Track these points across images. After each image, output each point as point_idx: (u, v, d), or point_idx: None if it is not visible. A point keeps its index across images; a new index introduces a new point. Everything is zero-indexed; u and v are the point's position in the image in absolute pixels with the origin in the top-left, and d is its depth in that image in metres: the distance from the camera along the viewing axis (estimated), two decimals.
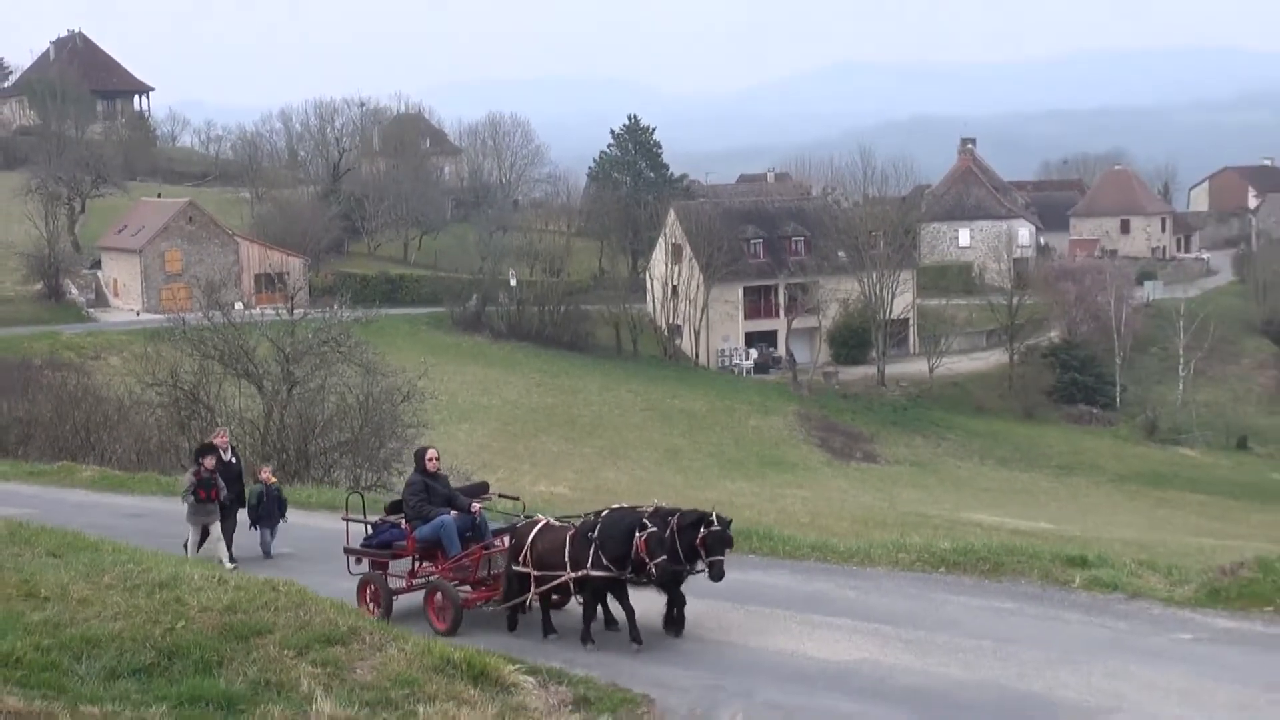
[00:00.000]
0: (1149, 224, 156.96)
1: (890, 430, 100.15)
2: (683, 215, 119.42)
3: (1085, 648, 16.83)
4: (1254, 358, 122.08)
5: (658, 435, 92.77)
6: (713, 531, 17.96)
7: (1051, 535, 55.28)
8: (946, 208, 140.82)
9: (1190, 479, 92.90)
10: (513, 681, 16.24)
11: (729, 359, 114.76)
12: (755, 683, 16.88)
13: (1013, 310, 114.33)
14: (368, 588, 20.79)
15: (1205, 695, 15.42)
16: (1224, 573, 20.21)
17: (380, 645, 16.40)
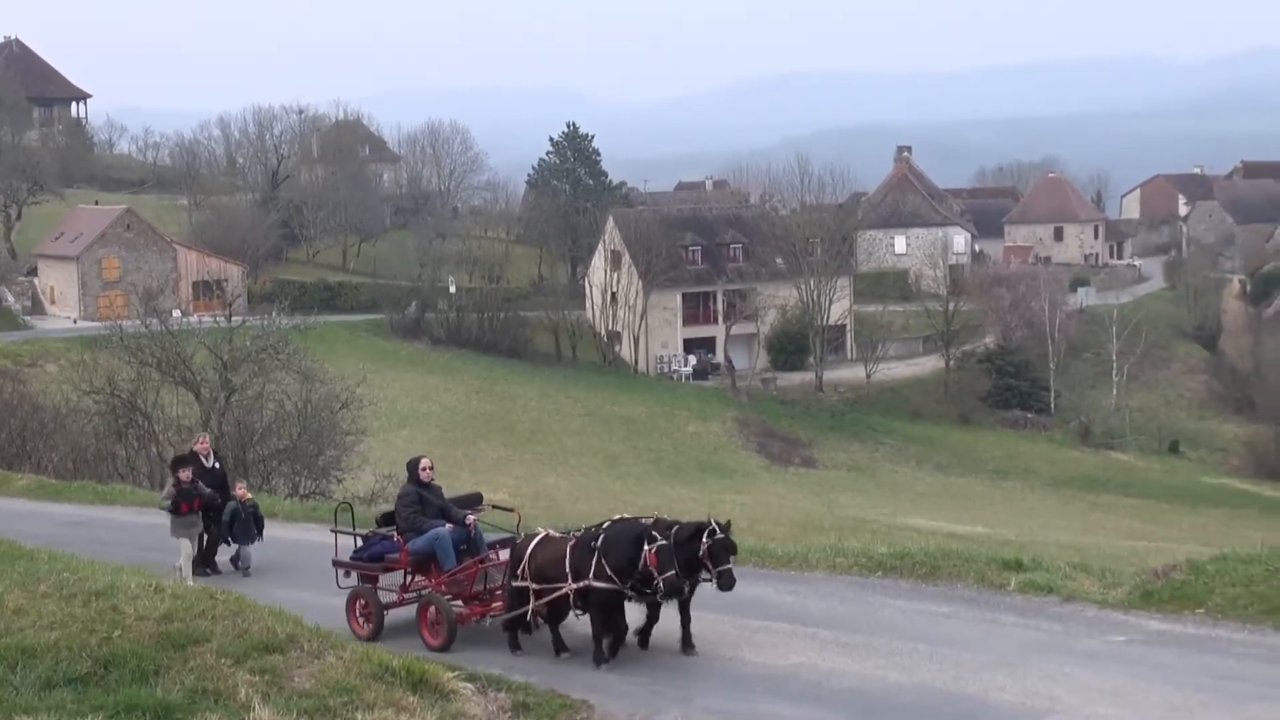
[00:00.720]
0: (1082, 231, 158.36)
1: (828, 436, 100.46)
2: (621, 222, 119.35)
3: (1021, 650, 16.90)
4: (1185, 363, 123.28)
5: (597, 441, 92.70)
6: (717, 540, 17.34)
7: (987, 539, 55.51)
8: (883, 215, 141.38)
9: (1123, 483, 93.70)
10: (451, 688, 16.17)
11: (668, 365, 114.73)
12: (694, 688, 16.85)
13: (948, 316, 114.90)
14: (357, 602, 19.95)
15: (1138, 696, 15.52)
16: (1156, 575, 20.35)
17: (319, 653, 16.28)
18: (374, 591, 19.92)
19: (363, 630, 19.43)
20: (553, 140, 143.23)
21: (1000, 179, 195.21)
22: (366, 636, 19.13)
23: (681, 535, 17.42)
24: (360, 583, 20.29)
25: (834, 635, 18.85)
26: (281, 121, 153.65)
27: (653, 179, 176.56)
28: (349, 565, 20.56)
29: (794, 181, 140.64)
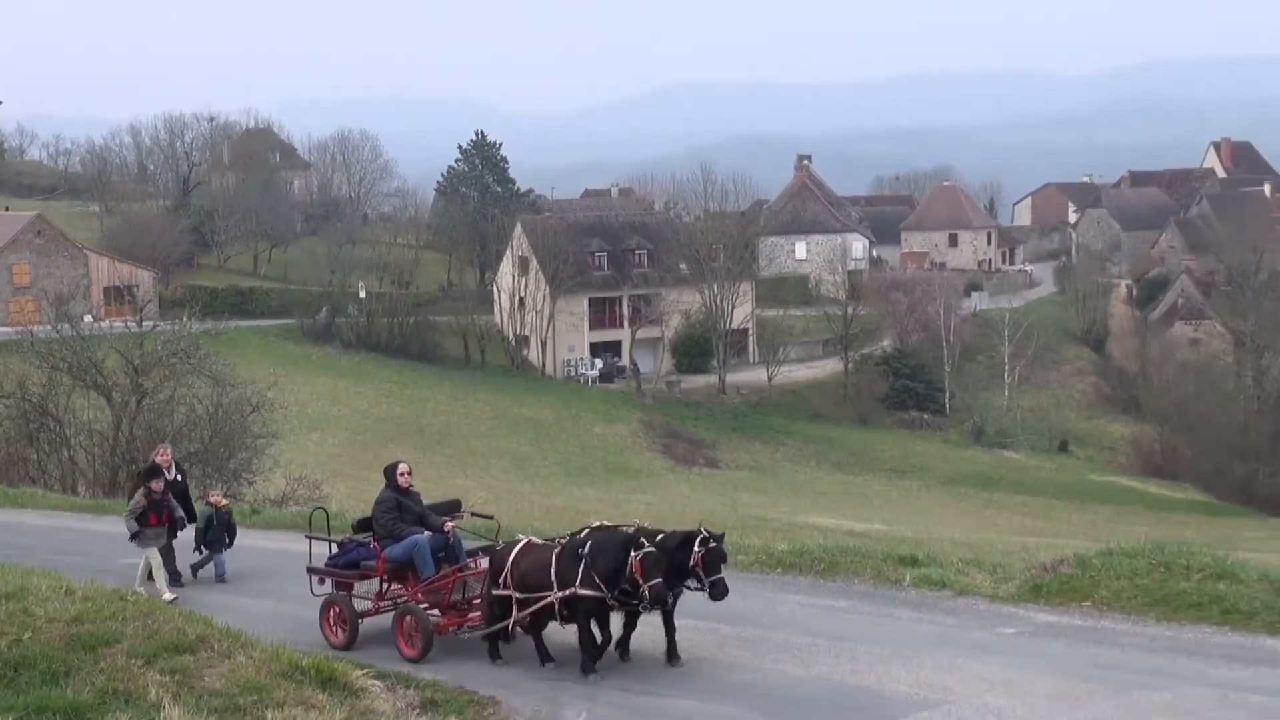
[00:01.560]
0: (976, 238, 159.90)
1: (731, 436, 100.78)
2: (529, 229, 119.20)
3: (915, 643, 17.04)
4: (1074, 365, 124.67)
5: (505, 444, 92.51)
6: (711, 549, 16.65)
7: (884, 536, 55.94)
8: (784, 222, 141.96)
9: (1015, 481, 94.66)
10: (360, 686, 16.10)
11: (575, 368, 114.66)
12: (598, 683, 16.87)
13: (847, 320, 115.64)
14: (331, 609, 19.20)
15: (1027, 685, 15.71)
16: (1045, 570, 20.61)
17: (229, 653, 16.15)
18: (348, 599, 19.22)
19: (336, 638, 18.86)
20: (461, 149, 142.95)
21: (897, 187, 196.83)
22: (341, 645, 18.67)
23: (670, 543, 16.78)
24: (334, 590, 19.57)
25: (735, 630, 18.94)
26: (193, 129, 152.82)
27: (559, 187, 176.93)
28: (323, 572, 19.81)
29: (697, 189, 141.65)
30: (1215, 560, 19.98)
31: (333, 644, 18.65)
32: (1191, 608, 18.49)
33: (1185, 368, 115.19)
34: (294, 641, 17.69)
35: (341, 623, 18.91)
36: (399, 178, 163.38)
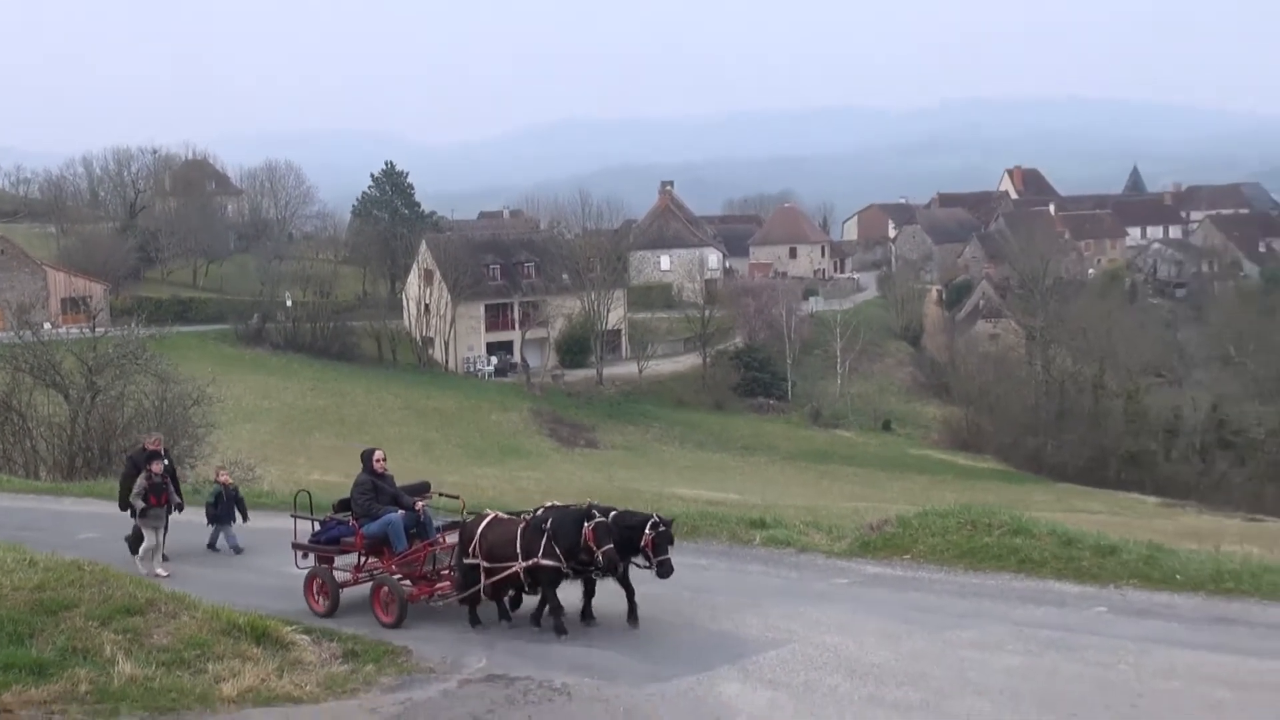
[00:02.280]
0: (812, 251, 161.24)
1: (608, 421, 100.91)
2: (433, 245, 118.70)
3: (765, 593, 17.21)
4: (895, 357, 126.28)
5: (415, 430, 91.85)
6: (660, 533, 16.08)
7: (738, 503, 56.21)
8: (650, 238, 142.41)
9: (846, 455, 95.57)
10: (290, 640, 15.98)
11: (473, 365, 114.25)
12: (496, 635, 16.87)
13: (705, 321, 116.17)
14: (314, 581, 18.49)
15: (858, 626, 15.93)
16: (872, 529, 20.91)
17: (174, 614, 15.97)
18: (330, 572, 18.57)
19: (319, 607, 18.20)
20: (373, 176, 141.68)
21: (746, 209, 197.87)
22: (323, 613, 18.04)
23: (627, 521, 16.31)
24: (317, 564, 18.93)
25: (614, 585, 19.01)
26: (138, 160, 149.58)
27: (459, 209, 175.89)
28: (306, 548, 19.24)
29: (577, 211, 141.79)
30: (1012, 519, 20.38)
31: (316, 612, 18.08)
32: (993, 558, 18.89)
33: (986, 358, 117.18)
34: (234, 603, 17.50)
35: (324, 593, 18.30)
36: (319, 202, 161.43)
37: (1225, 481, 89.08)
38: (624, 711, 13.71)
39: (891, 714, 13.08)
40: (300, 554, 19.36)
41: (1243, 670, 13.71)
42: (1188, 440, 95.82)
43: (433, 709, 14.11)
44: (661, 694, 14.16)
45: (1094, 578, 17.83)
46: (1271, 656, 14.13)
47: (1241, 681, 13.33)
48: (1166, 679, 13.58)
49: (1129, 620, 15.90)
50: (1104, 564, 18.15)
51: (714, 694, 14.06)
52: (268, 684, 14.53)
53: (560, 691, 14.43)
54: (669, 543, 16.21)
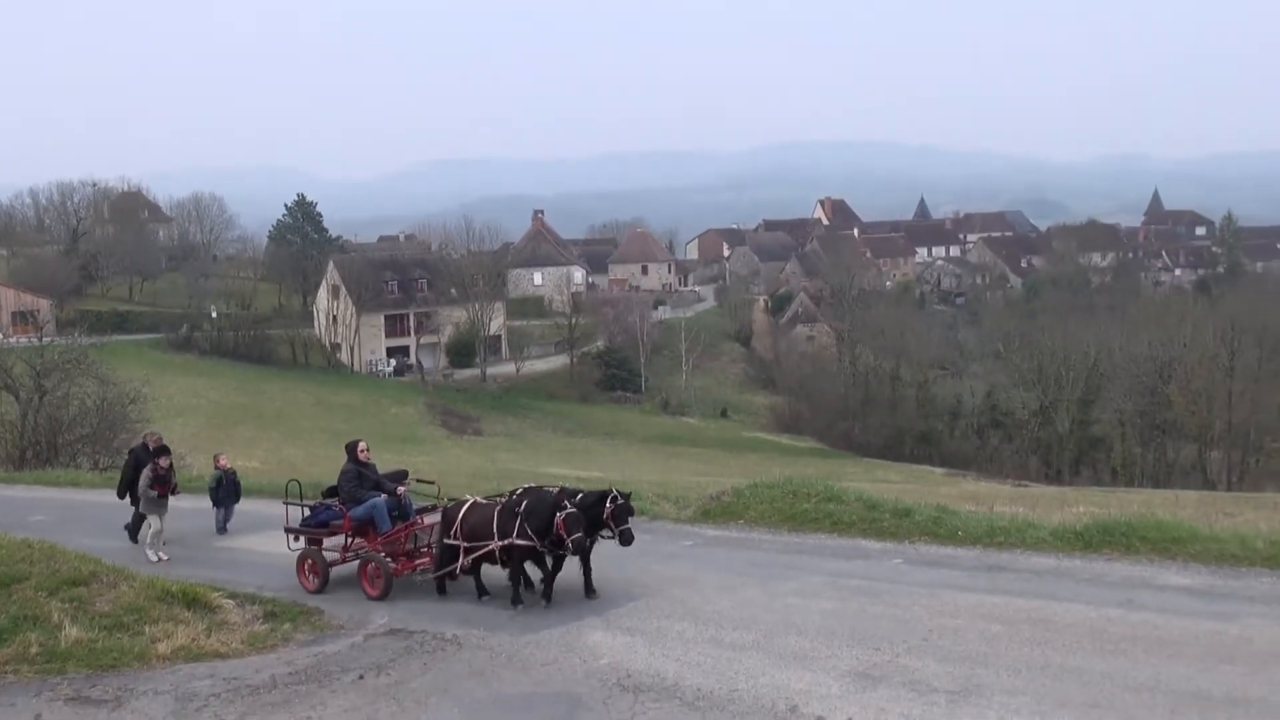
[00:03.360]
0: (660, 268, 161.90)
1: (491, 413, 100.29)
2: (339, 264, 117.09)
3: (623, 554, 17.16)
4: (729, 356, 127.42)
5: (324, 422, 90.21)
6: (619, 505, 15.33)
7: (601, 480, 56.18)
8: (525, 258, 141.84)
9: (691, 438, 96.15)
10: (217, 604, 15.64)
11: (375, 367, 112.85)
12: (396, 597, 16.65)
13: (571, 327, 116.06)
14: (305, 561, 17.44)
15: (701, 581, 16.05)
16: (712, 499, 21.07)
17: (114, 584, 15.52)
18: (320, 552, 17.55)
19: (311, 585, 17.15)
20: (287, 206, 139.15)
21: (605, 233, 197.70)
22: (314, 589, 17.03)
23: (587, 501, 15.50)
24: (308, 545, 17.96)
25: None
26: (79, 192, 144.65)
27: (361, 234, 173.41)
28: (298, 531, 18.18)
29: (462, 234, 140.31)
30: (826, 488, 20.67)
31: (308, 589, 17.06)
32: (811, 521, 19.15)
33: (805, 356, 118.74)
34: (167, 573, 17.06)
35: (315, 572, 17.25)
36: (240, 228, 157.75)
37: (997, 454, 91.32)
38: (506, 657, 13.64)
39: (729, 652, 13.19)
40: (292, 537, 18.28)
41: (1011, 608, 14.08)
42: (967, 421, 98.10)
43: (341, 660, 13.90)
44: (537, 641, 14.12)
45: (893, 535, 18.16)
46: (1035, 596, 14.54)
47: (1010, 617, 13.69)
48: (952, 617, 13.90)
49: (921, 570, 16.23)
50: (901, 524, 18.50)
51: (581, 640, 14.06)
52: (197, 642, 14.23)
53: (451, 642, 14.32)
54: (629, 513, 15.54)
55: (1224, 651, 12.17)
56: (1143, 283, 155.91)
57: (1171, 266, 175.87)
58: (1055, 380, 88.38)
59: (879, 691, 11.69)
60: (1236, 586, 14.55)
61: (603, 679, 12.64)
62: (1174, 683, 11.41)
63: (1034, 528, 17.73)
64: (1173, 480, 75.10)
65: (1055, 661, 12.19)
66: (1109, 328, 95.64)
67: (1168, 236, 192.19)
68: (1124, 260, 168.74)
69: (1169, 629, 12.96)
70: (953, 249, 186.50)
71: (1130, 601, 14.10)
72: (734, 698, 11.82)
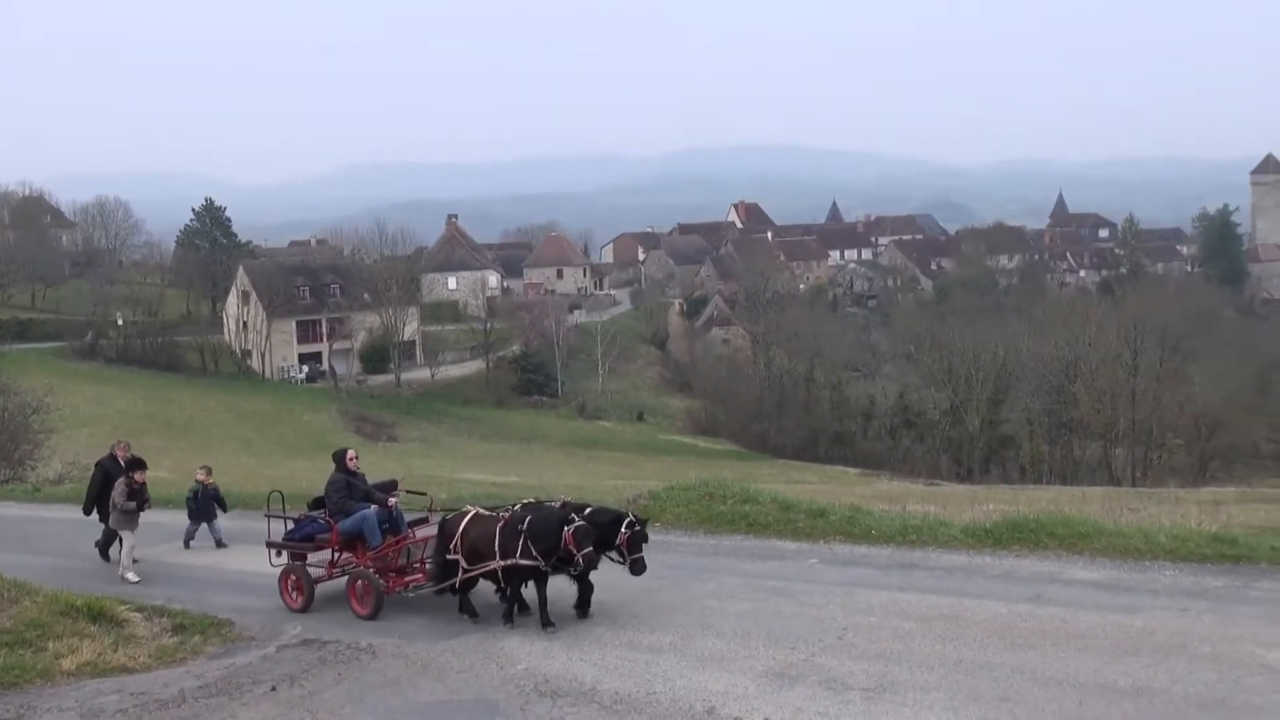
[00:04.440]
0: (576, 272, 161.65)
1: (406, 418, 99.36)
2: (249, 270, 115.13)
3: None
4: (646, 359, 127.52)
5: (236, 431, 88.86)
6: (636, 531, 14.34)
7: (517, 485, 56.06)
8: (439, 262, 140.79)
9: (608, 442, 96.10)
10: (124, 618, 15.26)
11: (287, 373, 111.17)
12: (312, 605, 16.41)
13: (487, 332, 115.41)
14: (289, 577, 16.42)
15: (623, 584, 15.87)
16: (629, 502, 20.99)
17: (16, 599, 15.09)
18: (304, 568, 16.50)
19: (294, 603, 16.19)
20: (195, 211, 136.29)
21: (520, 237, 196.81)
22: (299, 608, 16.08)
23: (601, 519, 14.47)
24: (291, 560, 16.83)
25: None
26: None
27: (271, 239, 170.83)
28: (280, 545, 17.05)
29: (375, 239, 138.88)
30: (742, 490, 20.79)
31: (291, 608, 16.14)
32: (727, 523, 19.24)
33: (720, 359, 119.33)
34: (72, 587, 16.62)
35: (299, 589, 16.26)
36: (147, 233, 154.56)
37: (910, 454, 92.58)
38: (421, 665, 13.52)
39: (646, 655, 13.20)
40: (274, 551, 17.19)
41: (924, 605, 14.27)
42: (880, 422, 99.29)
43: (253, 671, 13.67)
44: (453, 648, 14.02)
45: (808, 535, 18.32)
46: (946, 593, 14.75)
47: (923, 615, 13.88)
48: (866, 615, 14.05)
49: (836, 569, 16.39)
50: (815, 524, 18.66)
51: (498, 646, 13.98)
52: (104, 657, 13.89)
53: (366, 651, 14.16)
54: (644, 540, 14.55)
55: (1129, 644, 12.46)
56: (1048, 284, 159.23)
57: (1076, 268, 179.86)
58: (965, 380, 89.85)
59: (795, 691, 11.77)
60: (1141, 580, 14.91)
61: (520, 684, 12.59)
62: (1082, 675, 11.64)
63: (945, 526, 18.00)
64: (1079, 477, 76.80)
65: (967, 657, 12.38)
66: (1017, 328, 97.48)
67: (1072, 239, 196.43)
68: (1030, 262, 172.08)
69: (1076, 623, 13.23)
70: (865, 252, 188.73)
71: (1039, 597, 14.37)
72: (651, 700, 11.83)
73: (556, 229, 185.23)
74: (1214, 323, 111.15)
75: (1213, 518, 18.95)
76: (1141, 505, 24.04)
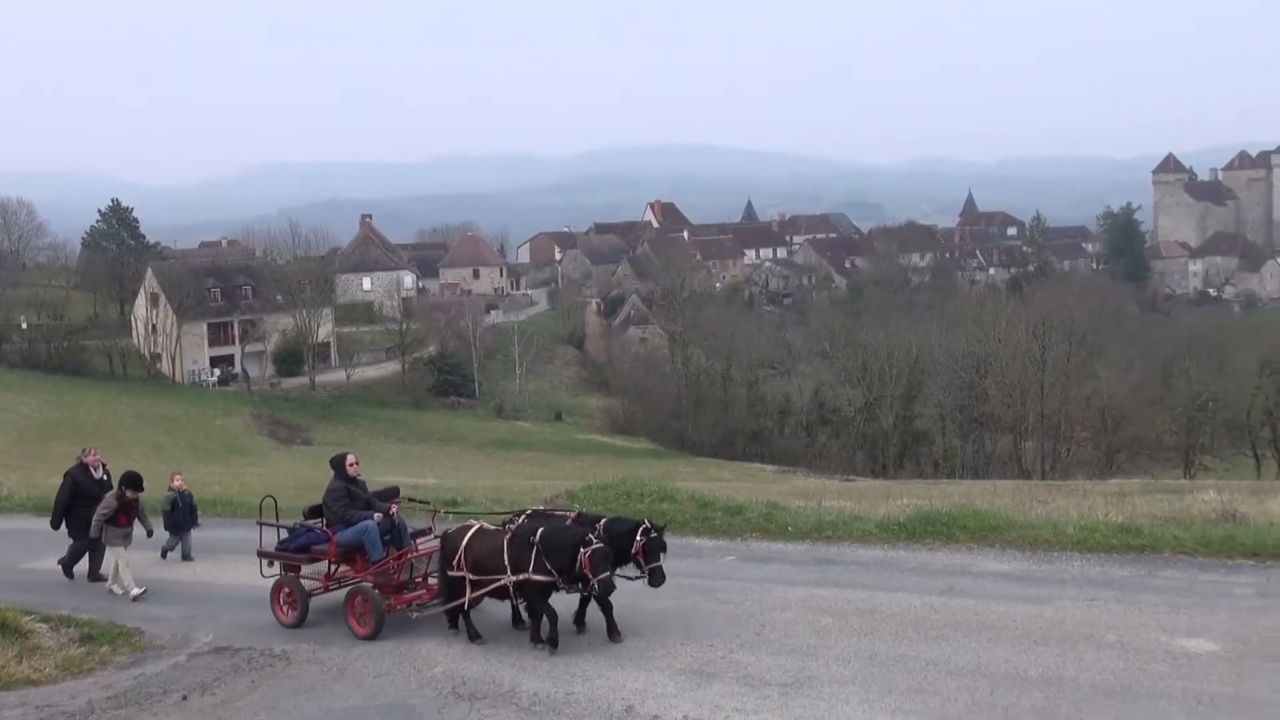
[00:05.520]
0: (492, 272, 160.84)
1: (321, 422, 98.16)
2: (158, 272, 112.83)
3: None
4: (563, 359, 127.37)
5: (146, 435, 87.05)
6: (652, 539, 13.34)
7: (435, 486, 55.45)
8: (354, 263, 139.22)
9: (526, 442, 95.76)
10: (29, 629, 14.86)
11: (199, 377, 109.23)
12: (221, 609, 16.15)
13: (403, 333, 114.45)
14: (281, 591, 15.36)
15: None
16: (546, 501, 21.01)
17: None
18: (297, 580, 15.41)
19: (287, 618, 15.16)
20: (101, 212, 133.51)
21: (435, 237, 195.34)
22: (291, 624, 15.05)
23: (618, 529, 13.52)
24: (284, 573, 15.66)
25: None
26: None
27: (181, 240, 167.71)
28: (272, 556, 15.82)
29: (288, 240, 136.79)
30: (660, 488, 20.88)
31: (283, 623, 15.11)
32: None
33: (638, 358, 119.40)
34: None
35: (291, 603, 15.22)
36: (51, 235, 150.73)
37: (826, 450, 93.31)
38: (337, 671, 13.35)
39: (564, 655, 13.17)
40: (266, 562, 15.98)
41: (840, 600, 14.41)
42: (796, 419, 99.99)
43: (163, 681, 13.39)
44: (369, 653, 13.87)
45: (725, 532, 18.42)
46: (862, 588, 14.91)
47: (839, 609, 14.01)
48: (783, 610, 14.14)
49: (753, 565, 16.49)
50: (732, 521, 18.77)
51: (415, 650, 13.86)
52: (7, 670, 13.52)
53: (280, 657, 13.95)
54: (662, 549, 13.53)
55: (1039, 633, 12.69)
56: (959, 282, 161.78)
57: (986, 266, 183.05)
58: (879, 377, 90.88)
59: (713, 688, 11.81)
60: (1050, 570, 15.19)
61: (437, 688, 12.49)
62: (993, 665, 11.83)
63: (860, 521, 18.20)
64: (991, 471, 78.08)
65: (882, 650, 12.51)
66: (929, 326, 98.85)
67: (981, 237, 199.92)
68: (941, 260, 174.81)
69: (988, 614, 13.45)
70: (780, 250, 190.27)
71: (951, 589, 14.58)
72: (570, 700, 11.80)
73: (472, 229, 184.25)
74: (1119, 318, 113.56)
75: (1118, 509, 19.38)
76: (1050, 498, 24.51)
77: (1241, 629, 12.39)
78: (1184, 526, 16.45)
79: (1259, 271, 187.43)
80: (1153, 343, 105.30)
